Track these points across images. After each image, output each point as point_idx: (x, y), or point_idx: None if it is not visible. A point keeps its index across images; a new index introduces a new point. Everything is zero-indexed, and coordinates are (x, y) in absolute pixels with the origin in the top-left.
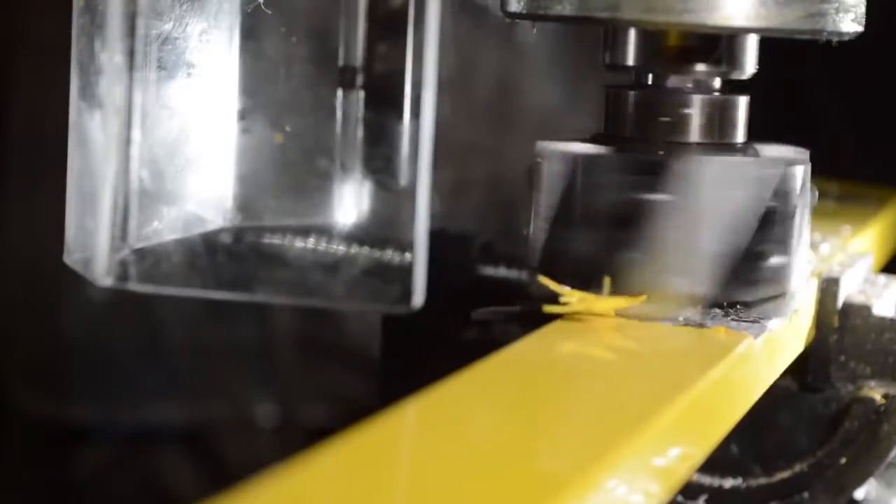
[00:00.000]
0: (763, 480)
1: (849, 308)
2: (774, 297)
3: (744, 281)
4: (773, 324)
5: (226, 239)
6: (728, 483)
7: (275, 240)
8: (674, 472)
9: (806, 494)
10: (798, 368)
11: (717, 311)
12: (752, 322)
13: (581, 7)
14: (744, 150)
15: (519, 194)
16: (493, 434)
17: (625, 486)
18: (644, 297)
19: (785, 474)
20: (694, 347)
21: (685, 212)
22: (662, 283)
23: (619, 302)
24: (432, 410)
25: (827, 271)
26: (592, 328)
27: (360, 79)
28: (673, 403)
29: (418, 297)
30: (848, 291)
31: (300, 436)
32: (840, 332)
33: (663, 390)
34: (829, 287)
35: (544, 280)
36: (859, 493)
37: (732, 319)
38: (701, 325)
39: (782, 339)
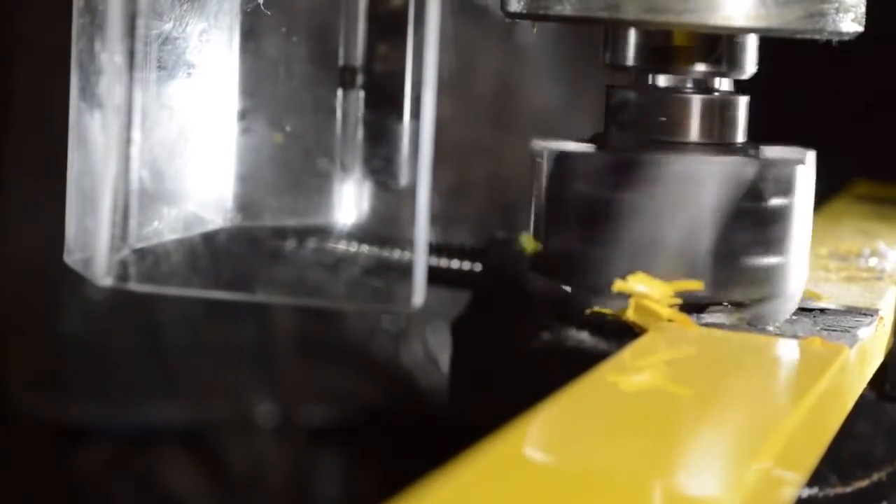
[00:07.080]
0: (840, 489)
1: None
2: (771, 298)
3: (741, 280)
4: (862, 333)
5: (226, 239)
6: (805, 492)
7: (275, 240)
8: (785, 490)
9: None
10: (876, 377)
11: (734, 311)
12: (843, 332)
13: (581, 7)
14: (744, 150)
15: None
16: (608, 455)
17: None
18: (701, 284)
19: (862, 483)
20: (793, 360)
21: (684, 212)
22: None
23: (679, 285)
24: (541, 432)
25: None
26: (685, 341)
27: (360, 79)
28: (787, 421)
29: (418, 297)
30: None
31: (300, 436)
32: None
33: (775, 407)
34: None
35: (620, 286)
36: None
37: (822, 329)
38: (794, 336)
39: (870, 348)
